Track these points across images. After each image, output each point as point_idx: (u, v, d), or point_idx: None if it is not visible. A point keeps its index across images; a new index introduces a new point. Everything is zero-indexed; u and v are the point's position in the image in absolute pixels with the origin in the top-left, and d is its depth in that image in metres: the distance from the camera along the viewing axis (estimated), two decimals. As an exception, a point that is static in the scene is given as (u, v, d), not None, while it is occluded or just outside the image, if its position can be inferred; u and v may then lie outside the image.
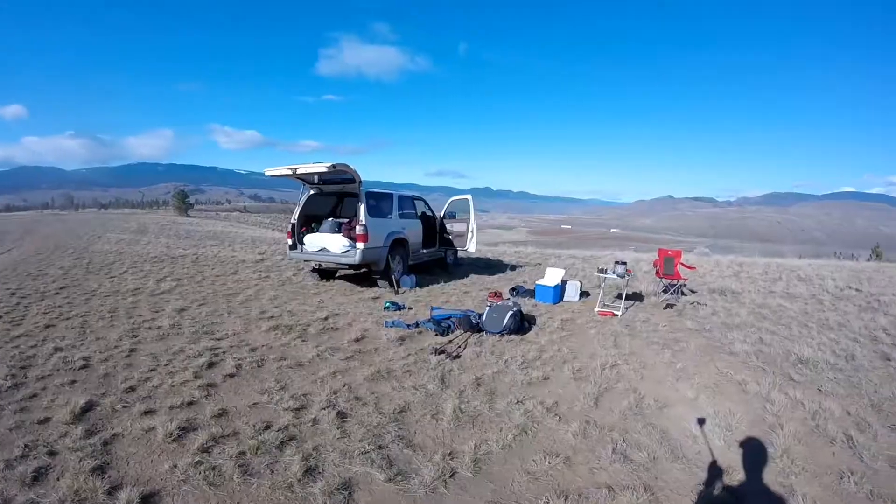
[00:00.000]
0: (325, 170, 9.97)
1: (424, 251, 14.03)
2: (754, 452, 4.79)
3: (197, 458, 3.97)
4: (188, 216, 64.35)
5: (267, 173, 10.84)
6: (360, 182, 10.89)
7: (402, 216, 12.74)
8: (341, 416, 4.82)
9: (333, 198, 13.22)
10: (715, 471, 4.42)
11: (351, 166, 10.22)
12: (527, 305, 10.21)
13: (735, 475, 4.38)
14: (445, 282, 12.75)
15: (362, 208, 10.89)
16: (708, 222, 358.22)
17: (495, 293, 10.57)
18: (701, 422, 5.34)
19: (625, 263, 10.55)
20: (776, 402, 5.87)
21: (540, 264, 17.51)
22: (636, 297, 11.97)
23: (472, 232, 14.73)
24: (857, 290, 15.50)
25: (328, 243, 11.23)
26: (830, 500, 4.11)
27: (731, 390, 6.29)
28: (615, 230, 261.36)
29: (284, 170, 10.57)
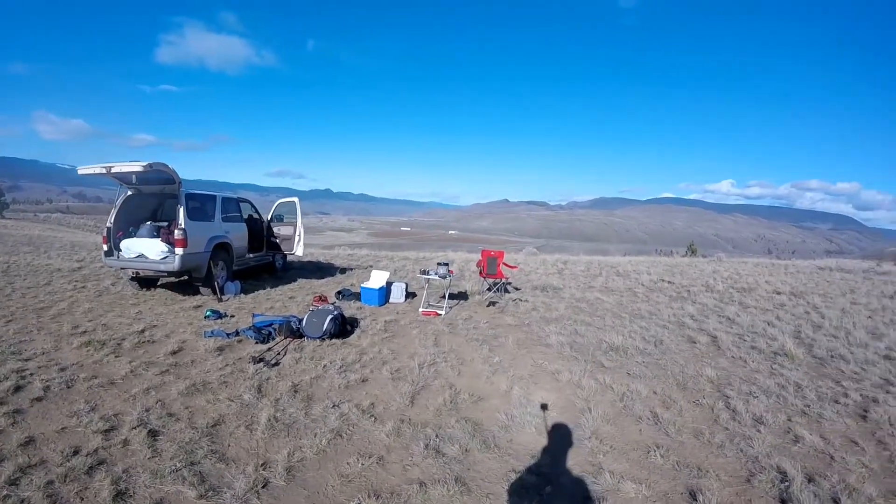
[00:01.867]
0: (140, 169, 9.40)
1: (251, 256, 13.64)
2: (564, 436, 5.07)
3: (4, 493, 3.66)
4: (3, 218, 59.09)
5: (80, 172, 9.99)
6: (180, 183, 10.42)
7: (225, 219, 12.27)
8: (153, 434, 4.59)
9: (154, 200, 12.42)
10: (526, 457, 4.62)
11: (169, 166, 9.77)
12: (352, 308, 10.26)
13: (546, 459, 4.62)
14: (272, 287, 12.45)
15: (181, 211, 10.37)
16: (541, 224, 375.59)
17: (320, 297, 10.44)
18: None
19: (447, 265, 10.82)
20: (586, 388, 6.27)
21: (371, 266, 17.53)
22: (461, 296, 12.33)
23: (299, 235, 14.45)
24: (669, 282, 16.75)
25: (146, 249, 10.63)
26: (638, 473, 4.42)
27: (544, 380, 6.63)
28: (454, 232, 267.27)
29: (98, 168, 9.78)
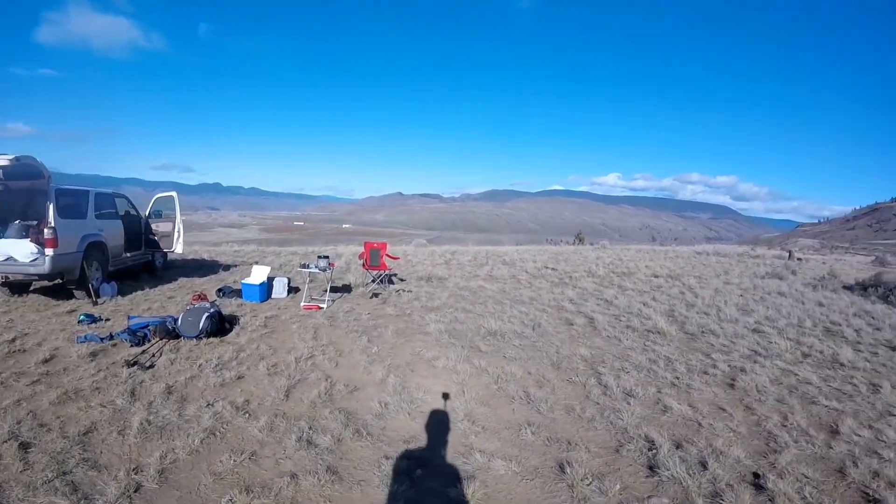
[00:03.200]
0: (6, 163, 8.74)
1: (128, 255, 12.98)
2: (437, 420, 5.29)
3: None
4: None
5: None
6: (49, 178, 9.79)
7: (99, 216, 11.63)
8: (24, 446, 4.44)
9: (23, 197, 11.55)
10: (399, 442, 4.78)
11: (38, 159, 9.20)
12: (233, 306, 10.14)
13: (418, 443, 4.80)
14: (151, 287, 11.99)
15: (51, 208, 9.75)
16: (435, 216, 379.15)
17: (200, 295, 10.16)
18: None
19: (327, 257, 10.87)
20: (462, 373, 6.54)
21: (257, 262, 17.02)
22: (345, 289, 12.41)
23: (178, 231, 13.97)
24: (553, 269, 17.33)
25: (14, 251, 9.92)
26: (508, 451, 4.65)
27: (421, 367, 6.85)
28: (348, 225, 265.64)
29: None
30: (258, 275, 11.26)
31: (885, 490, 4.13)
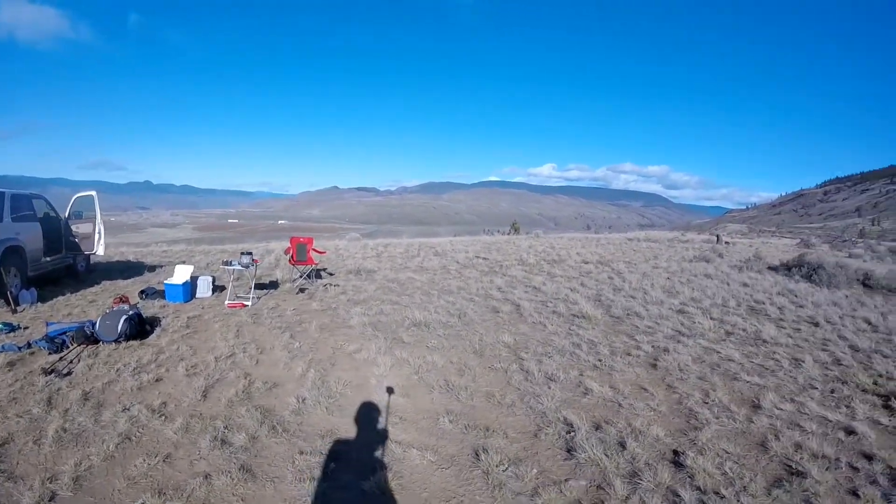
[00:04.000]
0: None
1: (48, 259, 12.38)
2: (355, 413, 5.37)
3: None
4: None
5: None
6: None
7: (16, 219, 11.05)
8: (-60, 462, 4.35)
9: None
10: (315, 437, 4.84)
11: None
12: (156, 307, 9.95)
13: (335, 437, 4.86)
14: (73, 292, 11.53)
15: None
16: (371, 210, 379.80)
17: (121, 298, 9.76)
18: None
19: (250, 254, 10.83)
20: (382, 365, 6.62)
21: (184, 262, 16.70)
22: (272, 285, 12.34)
23: (99, 232, 13.48)
24: (484, 258, 17.52)
25: None
26: (426, 440, 4.76)
27: (342, 361, 6.92)
28: (283, 221, 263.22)
29: None
30: (181, 274, 11.07)
31: (808, 462, 4.32)
